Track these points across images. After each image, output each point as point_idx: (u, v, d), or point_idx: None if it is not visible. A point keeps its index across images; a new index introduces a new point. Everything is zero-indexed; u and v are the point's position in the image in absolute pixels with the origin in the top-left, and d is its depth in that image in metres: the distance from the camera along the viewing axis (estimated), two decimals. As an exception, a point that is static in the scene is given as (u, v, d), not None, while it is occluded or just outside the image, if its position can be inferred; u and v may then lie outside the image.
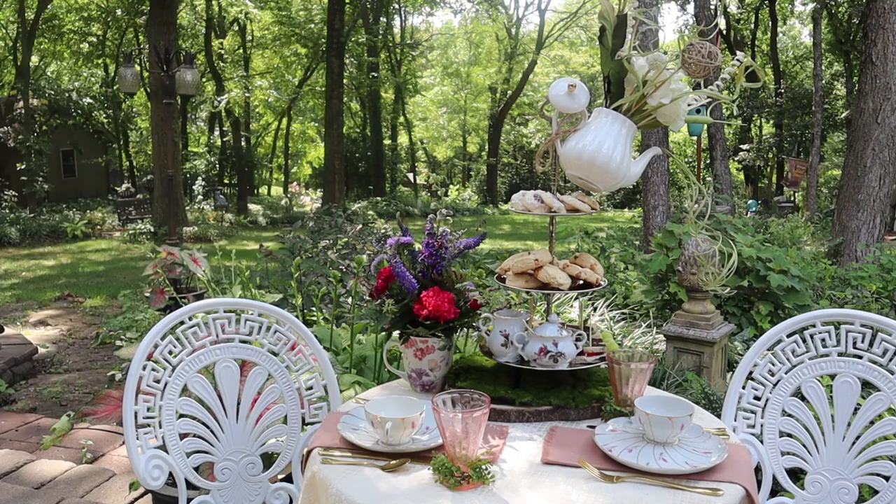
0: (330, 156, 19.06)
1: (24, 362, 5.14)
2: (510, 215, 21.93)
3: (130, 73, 8.03)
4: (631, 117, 1.58)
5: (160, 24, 14.27)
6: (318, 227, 6.81)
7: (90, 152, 22.72)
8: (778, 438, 1.80)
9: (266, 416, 1.85)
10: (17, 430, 3.89)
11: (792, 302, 4.09)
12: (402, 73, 26.28)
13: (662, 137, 7.12)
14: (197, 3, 22.19)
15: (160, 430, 1.73)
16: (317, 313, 3.50)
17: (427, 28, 32.43)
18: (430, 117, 32.84)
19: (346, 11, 19.79)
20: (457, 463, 1.27)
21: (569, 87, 1.60)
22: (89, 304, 8.04)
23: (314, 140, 32.14)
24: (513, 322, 1.72)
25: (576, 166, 1.59)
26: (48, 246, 13.69)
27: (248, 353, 1.85)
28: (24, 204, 17.52)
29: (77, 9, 21.41)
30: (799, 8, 25.66)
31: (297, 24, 22.98)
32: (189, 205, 19.20)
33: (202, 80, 19.68)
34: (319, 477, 1.32)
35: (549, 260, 1.70)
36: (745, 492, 1.27)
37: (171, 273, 3.51)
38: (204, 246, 10.72)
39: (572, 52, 30.66)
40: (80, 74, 24.98)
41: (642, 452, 1.38)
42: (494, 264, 6.30)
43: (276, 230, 14.32)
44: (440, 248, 1.73)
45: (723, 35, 18.84)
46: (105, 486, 2.97)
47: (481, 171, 29.56)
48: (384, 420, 1.37)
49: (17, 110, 18.97)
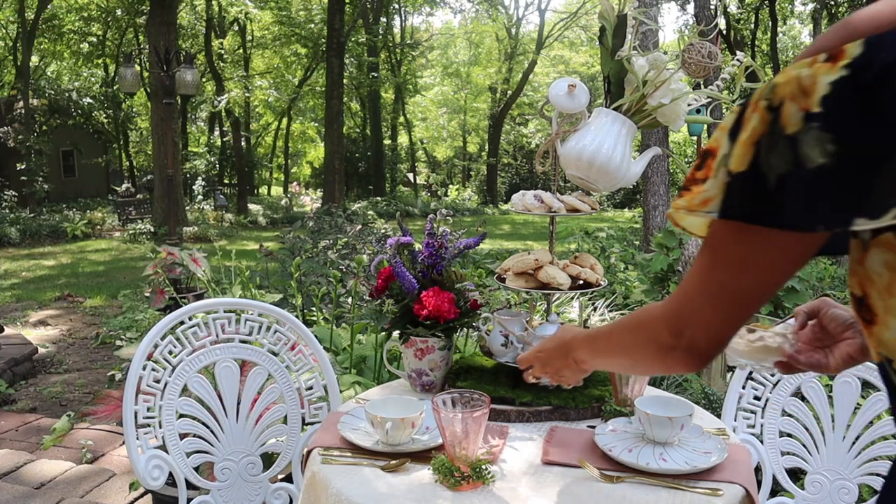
0: (330, 156, 19.08)
1: (24, 362, 5.14)
2: (510, 215, 21.94)
3: (130, 73, 8.03)
4: (631, 117, 1.58)
5: (160, 24, 14.27)
6: (318, 227, 6.81)
7: (90, 152, 22.72)
8: (778, 438, 1.80)
9: (266, 416, 1.85)
10: (17, 430, 3.89)
11: (792, 302, 4.09)
12: (402, 73, 26.29)
13: (662, 137, 7.12)
14: (197, 3, 22.19)
15: (160, 430, 1.73)
16: (317, 313, 3.50)
17: (427, 28, 32.46)
18: (430, 117, 32.85)
19: (346, 11, 19.80)
20: (457, 463, 1.27)
21: (569, 87, 1.60)
22: (89, 304, 8.04)
23: (314, 140, 32.15)
24: (513, 322, 1.72)
25: (576, 166, 1.59)
26: (48, 246, 13.69)
27: (248, 353, 1.85)
28: (24, 204, 17.51)
29: (77, 9, 21.42)
30: (799, 8, 25.68)
31: (297, 24, 23.00)
32: (189, 205, 19.19)
33: (202, 80, 19.67)
34: (319, 477, 1.32)
35: (549, 260, 1.70)
36: (745, 492, 1.27)
37: (171, 273, 3.51)
38: (204, 246, 10.72)
39: (572, 52, 30.67)
40: (80, 74, 24.99)
41: (642, 452, 1.38)
42: (494, 264, 6.31)
43: (276, 230, 14.31)
44: (440, 248, 1.73)
45: (723, 35, 18.83)
46: (105, 486, 2.97)
47: (481, 171, 29.56)
48: (384, 420, 1.37)
49: (17, 110, 18.97)
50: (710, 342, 0.80)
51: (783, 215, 0.67)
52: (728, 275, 0.76)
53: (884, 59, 0.61)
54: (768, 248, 0.72)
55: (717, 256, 0.77)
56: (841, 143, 0.62)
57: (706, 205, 0.73)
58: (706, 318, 0.79)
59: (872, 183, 0.62)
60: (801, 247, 0.72)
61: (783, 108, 0.66)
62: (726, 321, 0.79)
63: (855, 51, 0.63)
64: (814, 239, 0.71)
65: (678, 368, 0.85)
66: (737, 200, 0.70)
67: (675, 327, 0.82)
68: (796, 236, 0.70)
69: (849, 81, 0.62)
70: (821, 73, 0.64)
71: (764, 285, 0.76)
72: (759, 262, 0.74)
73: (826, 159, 0.63)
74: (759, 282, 0.75)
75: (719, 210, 0.72)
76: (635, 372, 1.33)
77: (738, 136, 0.70)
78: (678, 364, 0.84)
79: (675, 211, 0.79)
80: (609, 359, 1.04)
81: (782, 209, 0.67)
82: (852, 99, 0.62)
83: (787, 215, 0.67)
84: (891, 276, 0.69)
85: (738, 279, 0.76)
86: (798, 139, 0.65)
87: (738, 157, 0.70)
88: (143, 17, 19.26)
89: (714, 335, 0.80)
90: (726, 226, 0.74)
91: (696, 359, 0.82)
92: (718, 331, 0.80)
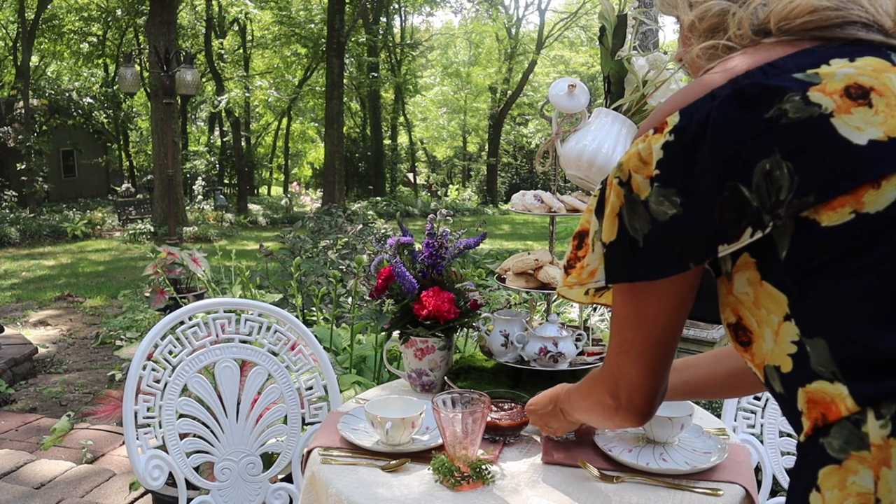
0: (330, 156, 19.09)
1: (24, 362, 5.14)
2: (510, 215, 21.93)
3: (130, 73, 8.03)
4: (631, 117, 1.58)
5: (160, 24, 14.27)
6: (318, 227, 6.81)
7: (90, 152, 22.73)
8: (778, 438, 1.80)
9: (266, 416, 1.85)
10: (17, 430, 3.89)
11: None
12: (402, 73, 26.29)
13: (662, 137, 7.12)
14: (197, 3, 22.20)
15: (160, 430, 1.73)
16: (317, 313, 3.50)
17: (427, 28, 32.48)
18: (430, 117, 32.85)
19: (346, 11, 19.82)
20: (457, 463, 1.27)
21: (569, 87, 1.60)
22: (89, 304, 8.04)
23: (314, 140, 32.15)
24: (513, 322, 1.72)
25: (576, 166, 1.59)
26: (48, 246, 13.69)
27: (248, 353, 1.85)
28: (24, 204, 17.52)
29: (77, 9, 21.43)
30: (799, 8, 25.65)
31: (297, 24, 23.02)
32: (189, 205, 19.19)
33: (202, 80, 19.68)
34: (319, 477, 1.32)
35: (549, 260, 1.70)
36: (745, 492, 1.27)
37: (171, 273, 3.51)
38: (204, 246, 10.72)
39: (572, 52, 30.66)
40: (80, 74, 24.99)
41: (642, 452, 1.38)
42: (494, 264, 6.31)
43: (276, 230, 14.32)
44: (440, 248, 1.73)
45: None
46: (105, 486, 2.97)
47: (481, 171, 29.57)
48: (384, 420, 1.37)
49: (17, 110, 18.97)
50: (643, 398, 0.90)
51: (656, 266, 0.79)
52: (631, 331, 0.87)
53: (698, 118, 0.76)
54: (651, 299, 0.84)
55: (618, 318, 0.88)
56: (682, 193, 0.76)
57: (593, 276, 0.87)
58: (629, 376, 0.90)
59: (721, 215, 0.75)
60: (678, 291, 0.84)
61: (632, 180, 0.80)
62: (646, 373, 0.89)
63: (674, 120, 0.78)
64: (687, 279, 0.83)
65: (627, 425, 0.96)
66: (616, 266, 0.83)
67: (611, 389, 0.93)
68: (671, 282, 0.82)
69: (674, 143, 0.77)
70: (653, 143, 0.79)
71: (660, 334, 0.86)
72: (648, 314, 0.85)
73: (676, 209, 0.76)
74: (654, 332, 0.86)
75: (605, 277, 0.85)
76: (604, 427, 1.40)
77: (604, 212, 0.83)
78: (625, 422, 0.94)
79: (563, 288, 0.93)
80: (582, 415, 1.14)
81: (654, 261, 0.79)
82: (680, 155, 0.77)
83: (659, 265, 0.79)
84: (754, 291, 0.79)
85: (638, 334, 0.87)
86: (649, 201, 0.78)
87: (607, 229, 0.83)
88: (143, 17, 19.27)
89: (643, 390, 0.90)
90: (618, 290, 0.87)
91: (638, 415, 0.92)
92: (644, 385, 0.89)
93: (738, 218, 0.74)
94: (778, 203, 0.73)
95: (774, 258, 0.77)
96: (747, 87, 0.75)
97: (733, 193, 0.74)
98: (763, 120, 0.73)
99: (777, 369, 0.80)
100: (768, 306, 0.78)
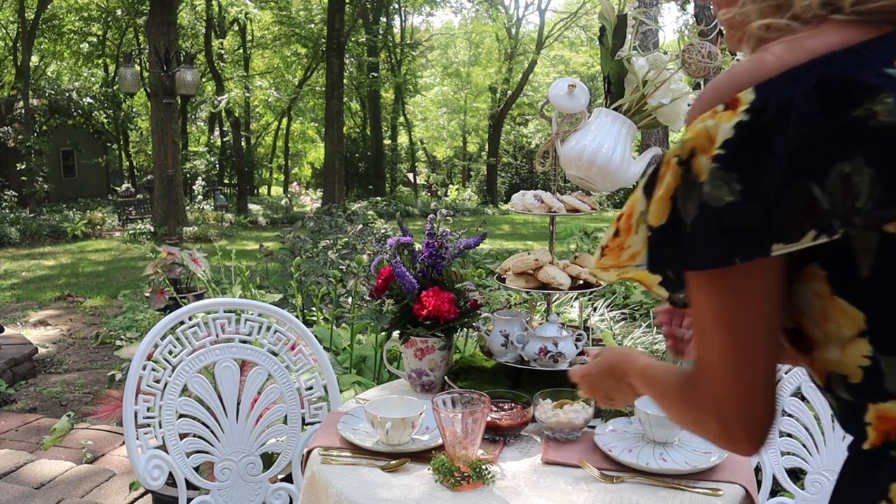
0: (330, 156, 19.09)
1: (24, 362, 5.14)
2: (510, 215, 21.93)
3: (130, 73, 8.03)
4: (631, 117, 1.58)
5: (160, 24, 14.27)
6: (318, 227, 6.81)
7: (90, 152, 22.72)
8: (778, 438, 1.80)
9: (266, 416, 1.85)
10: (17, 430, 3.89)
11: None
12: (402, 73, 26.29)
13: (662, 137, 7.13)
14: (197, 3, 22.20)
15: (160, 430, 1.73)
16: (317, 313, 3.50)
17: (427, 28, 32.46)
18: (430, 117, 32.84)
19: (346, 11, 19.82)
20: (457, 463, 1.27)
21: (569, 87, 1.60)
22: (89, 304, 8.04)
23: (314, 140, 32.15)
24: (513, 322, 1.72)
25: (576, 166, 1.59)
26: (48, 246, 13.69)
27: (248, 353, 1.85)
28: (24, 204, 17.52)
29: (77, 9, 21.42)
30: (799, 8, 25.64)
31: (297, 24, 23.01)
32: (189, 205, 19.19)
33: (202, 80, 19.68)
34: (319, 477, 1.32)
35: (549, 260, 1.70)
36: (745, 492, 1.27)
37: (171, 273, 3.51)
38: (204, 246, 10.71)
39: (572, 52, 30.66)
40: (80, 74, 24.99)
41: (642, 452, 1.38)
42: (494, 264, 6.31)
43: (276, 230, 14.31)
44: (440, 248, 1.73)
45: (723, 35, 18.81)
46: (105, 486, 2.97)
47: (481, 171, 29.56)
48: (384, 420, 1.37)
49: (17, 110, 18.97)
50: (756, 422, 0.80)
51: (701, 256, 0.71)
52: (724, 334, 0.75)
53: (777, 101, 0.68)
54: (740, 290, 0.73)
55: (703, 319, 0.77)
56: (743, 180, 0.68)
57: (634, 259, 0.79)
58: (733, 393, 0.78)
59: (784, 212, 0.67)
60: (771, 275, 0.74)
61: (694, 160, 0.71)
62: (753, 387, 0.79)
63: (749, 97, 0.69)
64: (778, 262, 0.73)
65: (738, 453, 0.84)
66: (659, 251, 0.75)
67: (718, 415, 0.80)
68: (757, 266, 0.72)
69: (749, 124, 0.68)
70: (723, 120, 0.69)
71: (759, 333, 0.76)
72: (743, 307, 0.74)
73: (733, 197, 0.68)
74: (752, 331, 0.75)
75: (647, 262, 0.77)
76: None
77: (654, 194, 0.75)
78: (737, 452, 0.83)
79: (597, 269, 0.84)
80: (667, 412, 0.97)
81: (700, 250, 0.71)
82: (753, 138, 0.68)
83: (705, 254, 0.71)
84: (822, 304, 0.74)
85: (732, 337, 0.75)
86: (704, 184, 0.70)
87: (656, 212, 0.74)
88: (143, 17, 19.27)
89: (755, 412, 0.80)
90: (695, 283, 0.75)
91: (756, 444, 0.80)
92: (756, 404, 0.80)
93: (803, 218, 0.67)
94: (853, 210, 0.66)
95: (852, 274, 0.71)
96: (834, 78, 0.67)
97: (803, 191, 0.66)
98: (850, 118, 0.66)
99: (844, 378, 0.76)
100: (839, 320, 0.74)
